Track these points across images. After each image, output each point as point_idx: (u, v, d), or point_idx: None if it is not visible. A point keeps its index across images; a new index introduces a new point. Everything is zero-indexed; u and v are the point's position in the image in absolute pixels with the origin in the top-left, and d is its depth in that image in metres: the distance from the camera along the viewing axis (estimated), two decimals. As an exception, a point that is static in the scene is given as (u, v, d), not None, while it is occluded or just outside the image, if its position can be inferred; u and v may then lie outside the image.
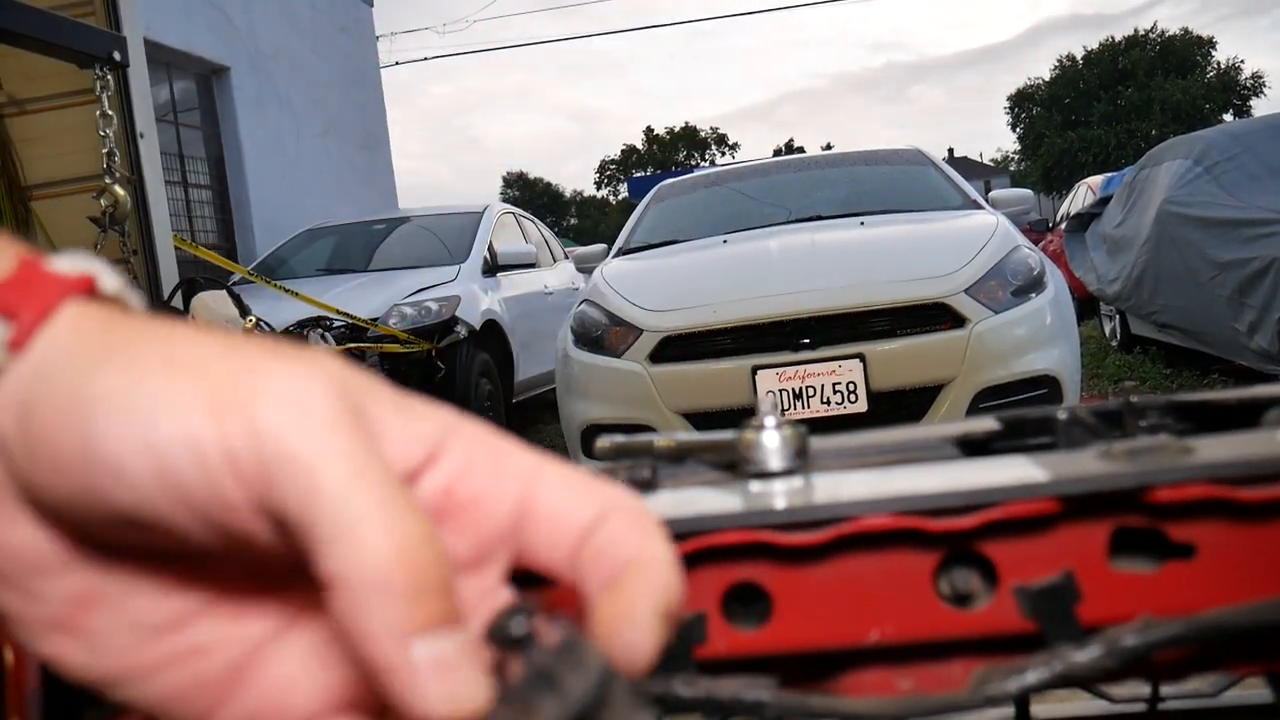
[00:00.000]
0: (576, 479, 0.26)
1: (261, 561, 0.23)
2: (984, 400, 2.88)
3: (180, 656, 0.24)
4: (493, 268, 5.42)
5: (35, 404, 0.22)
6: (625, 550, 0.25)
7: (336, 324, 3.92)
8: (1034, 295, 3.06)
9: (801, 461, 0.45)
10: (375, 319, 4.25)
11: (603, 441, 0.55)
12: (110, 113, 2.88)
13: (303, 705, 0.24)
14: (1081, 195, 8.52)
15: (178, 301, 3.04)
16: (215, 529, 0.21)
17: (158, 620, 0.24)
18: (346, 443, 0.21)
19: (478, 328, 4.72)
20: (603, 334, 3.18)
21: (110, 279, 0.25)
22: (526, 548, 0.26)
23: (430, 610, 0.20)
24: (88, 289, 0.24)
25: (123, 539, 0.22)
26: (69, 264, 0.24)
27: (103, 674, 0.24)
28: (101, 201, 2.86)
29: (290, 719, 0.24)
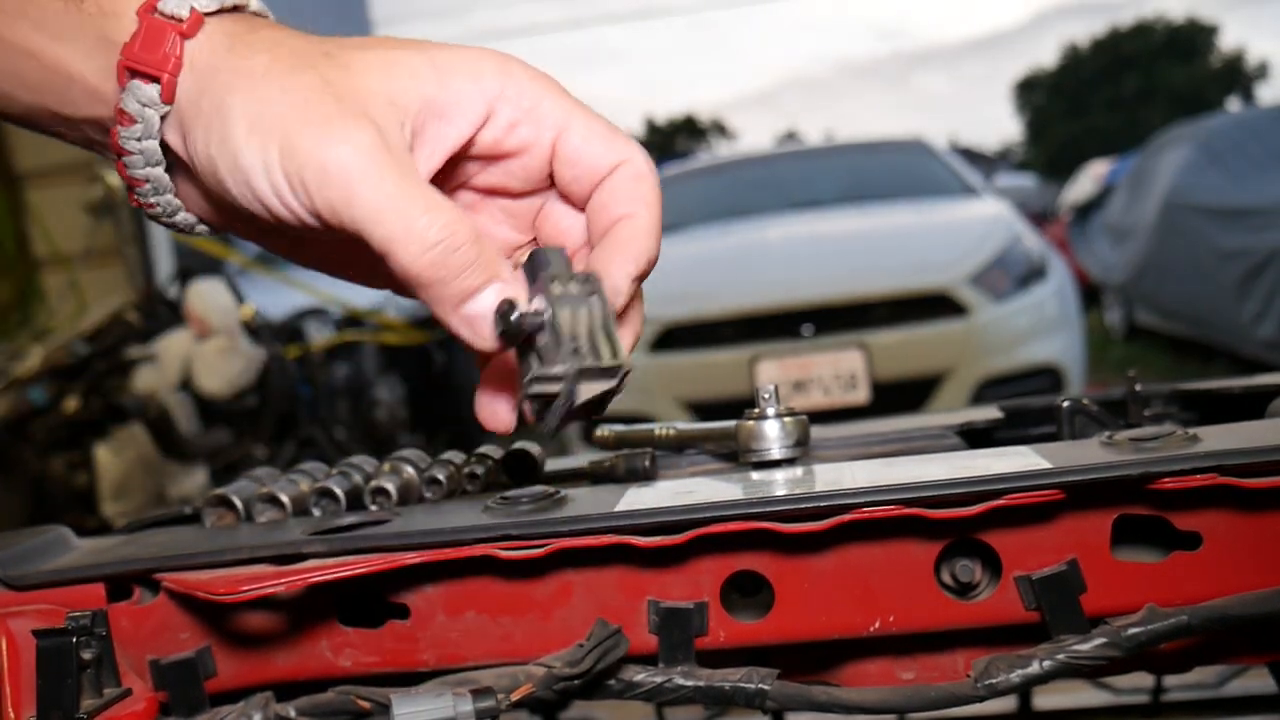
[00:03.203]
0: (598, 130, 0.35)
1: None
2: (986, 390, 2.87)
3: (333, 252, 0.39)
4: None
5: (185, 140, 0.33)
6: (623, 206, 0.34)
7: (334, 313, 3.92)
8: (1037, 284, 3.05)
9: (802, 451, 0.45)
10: (374, 308, 4.25)
11: (603, 430, 0.54)
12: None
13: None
14: (1085, 180, 8.49)
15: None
16: (297, 220, 0.33)
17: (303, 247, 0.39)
18: (385, 182, 0.31)
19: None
20: (603, 324, 3.16)
21: (216, 0, 0.33)
22: (559, 182, 0.35)
23: (457, 288, 0.32)
24: (197, 23, 0.33)
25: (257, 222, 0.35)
26: (176, 4, 0.33)
27: (303, 263, 0.39)
28: (97, 189, 2.85)
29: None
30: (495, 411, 0.37)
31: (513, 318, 0.31)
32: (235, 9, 0.34)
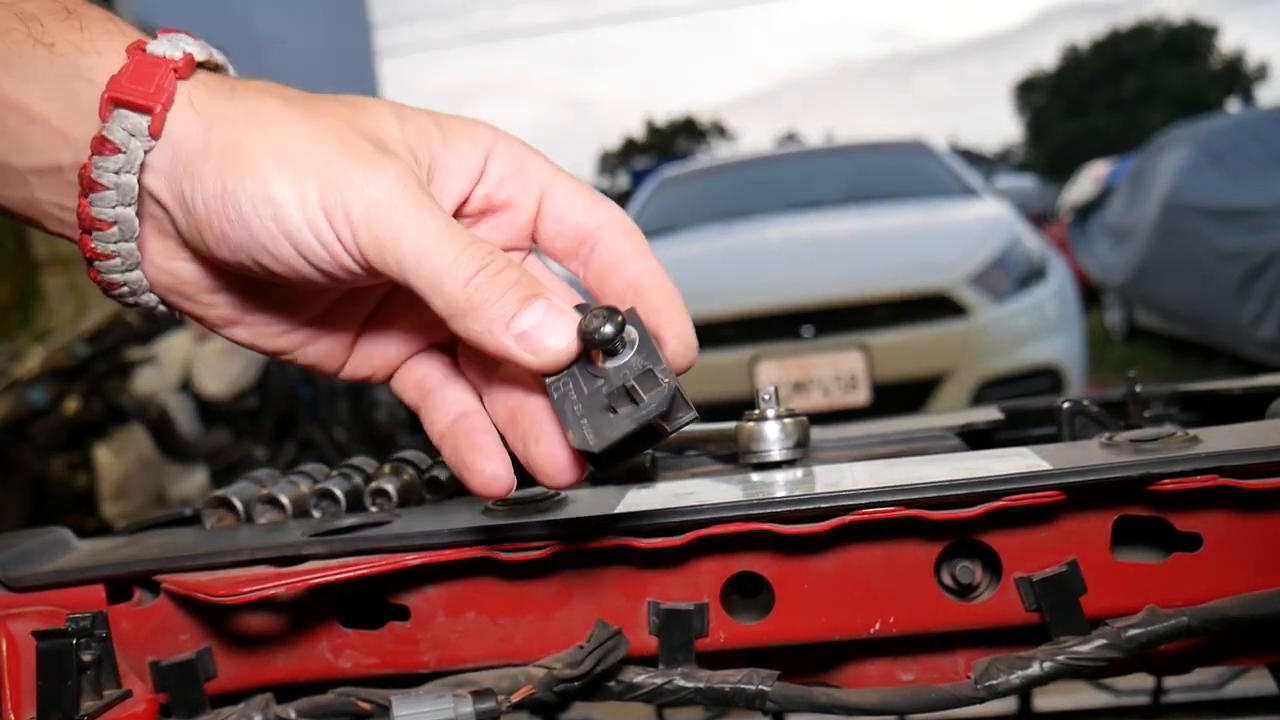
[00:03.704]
0: (580, 189, 0.36)
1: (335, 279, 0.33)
2: (986, 391, 2.87)
3: (310, 340, 0.37)
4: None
5: (183, 181, 0.32)
6: (634, 262, 0.35)
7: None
8: (1037, 285, 3.05)
9: (802, 452, 0.45)
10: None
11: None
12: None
13: (396, 352, 0.38)
14: (1085, 181, 8.49)
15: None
16: (319, 269, 0.32)
17: (290, 322, 0.36)
18: (409, 224, 0.31)
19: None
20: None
21: (200, 48, 0.33)
22: (543, 238, 0.36)
23: (500, 312, 0.31)
24: (190, 65, 0.32)
25: (249, 273, 0.33)
26: (167, 45, 0.32)
27: (267, 350, 0.37)
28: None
29: (392, 359, 0.38)
30: (492, 472, 0.34)
31: (603, 327, 0.31)
32: (218, 68, 0.34)
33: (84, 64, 0.32)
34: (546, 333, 0.31)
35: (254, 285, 0.35)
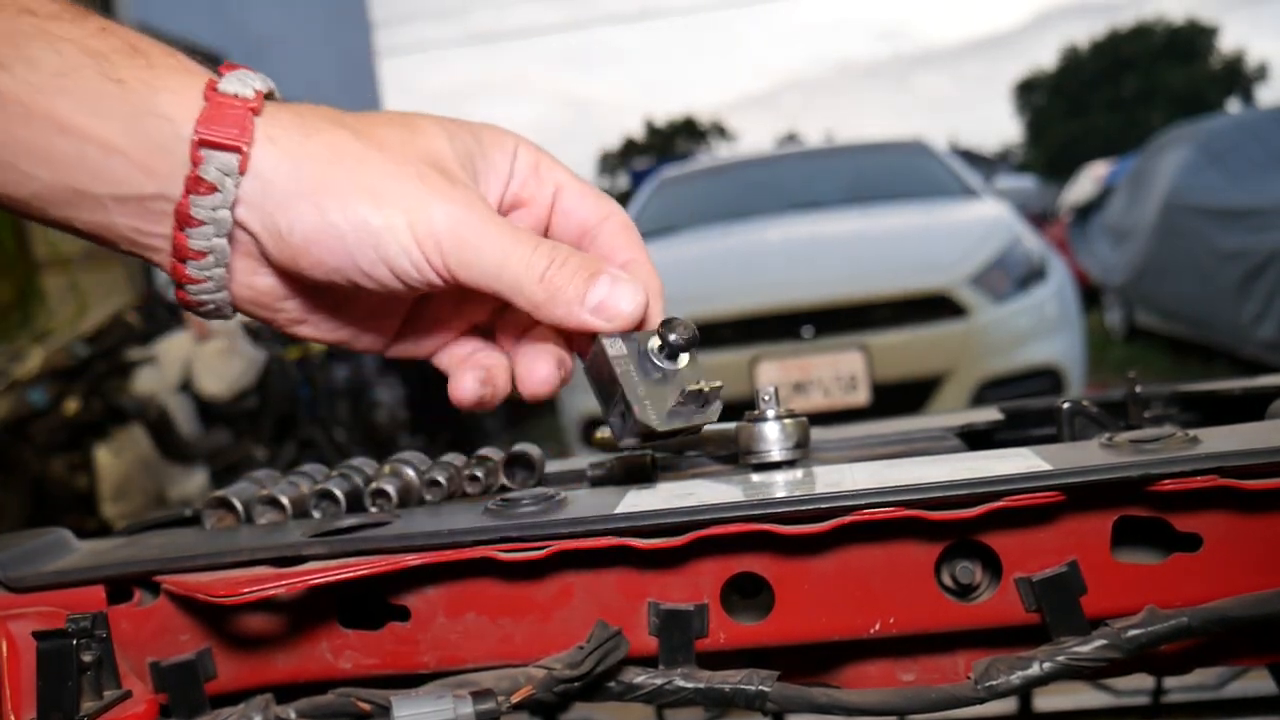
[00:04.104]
0: (587, 188, 0.42)
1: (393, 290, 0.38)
2: (986, 391, 2.87)
3: (364, 331, 0.42)
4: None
5: (277, 214, 0.36)
6: (624, 252, 0.41)
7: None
8: (1036, 286, 3.05)
9: (803, 452, 0.45)
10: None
11: (602, 432, 0.54)
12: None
13: (439, 335, 0.44)
14: (1085, 181, 8.49)
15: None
16: (407, 284, 0.37)
17: (348, 317, 0.42)
18: (489, 241, 0.37)
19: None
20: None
21: (261, 81, 0.37)
22: (554, 230, 0.42)
23: (574, 293, 0.38)
24: (261, 101, 0.36)
25: (334, 286, 0.38)
26: (237, 83, 0.36)
27: (327, 341, 0.42)
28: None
29: (435, 342, 0.44)
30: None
31: (686, 334, 0.39)
32: (272, 92, 0.38)
33: (157, 101, 0.35)
34: (617, 300, 0.38)
35: (321, 291, 0.40)
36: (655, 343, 0.40)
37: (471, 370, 0.42)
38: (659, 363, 0.39)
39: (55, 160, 0.35)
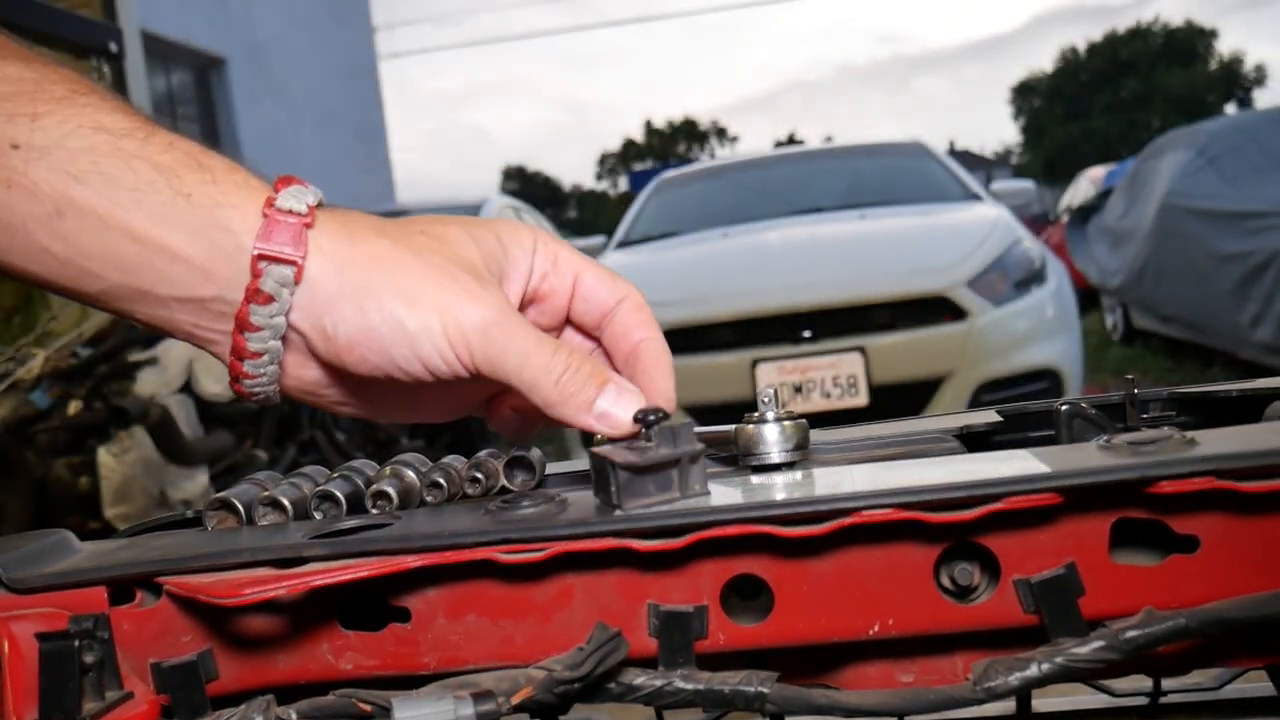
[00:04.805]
0: (603, 274, 0.46)
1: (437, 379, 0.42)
2: (985, 393, 2.88)
3: (404, 411, 0.47)
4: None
5: (324, 316, 0.39)
6: (638, 331, 0.45)
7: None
8: (1035, 288, 3.05)
9: (802, 454, 0.45)
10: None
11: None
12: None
13: (468, 406, 0.48)
14: (1083, 185, 8.50)
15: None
16: (437, 376, 0.41)
17: (389, 400, 0.46)
18: (514, 342, 0.40)
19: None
20: (603, 327, 3.16)
21: (311, 194, 0.40)
22: (574, 315, 0.46)
23: (583, 399, 0.41)
24: (313, 216, 0.39)
25: (370, 375, 0.41)
26: (293, 199, 0.39)
27: (371, 418, 0.47)
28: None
29: (464, 410, 0.48)
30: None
31: (650, 417, 0.40)
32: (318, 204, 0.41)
33: (221, 216, 0.38)
34: (621, 410, 0.42)
35: (362, 381, 0.43)
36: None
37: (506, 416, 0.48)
38: (639, 443, 0.41)
39: (125, 265, 0.38)
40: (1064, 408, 0.52)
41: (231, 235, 0.38)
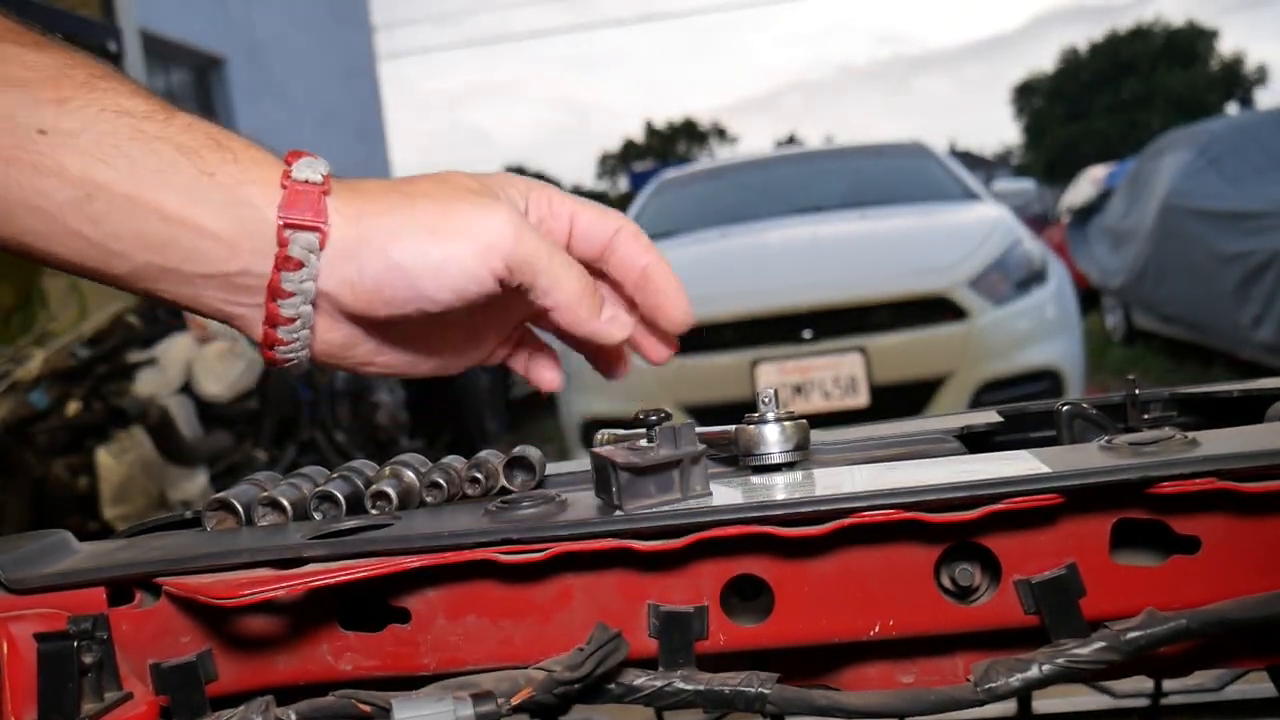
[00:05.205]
0: (596, 209, 0.47)
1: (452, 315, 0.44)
2: (985, 393, 2.88)
3: (422, 362, 0.48)
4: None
5: (347, 266, 0.41)
6: (641, 257, 0.47)
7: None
8: (1036, 288, 3.05)
9: (802, 454, 0.45)
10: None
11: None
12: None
13: (482, 355, 0.51)
14: (1084, 186, 8.50)
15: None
16: (465, 300, 0.42)
17: (409, 353, 0.47)
18: (535, 241, 0.42)
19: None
20: (603, 327, 3.16)
21: (324, 164, 0.42)
22: (573, 253, 0.46)
23: (596, 300, 0.44)
24: (328, 184, 0.41)
25: (400, 315, 0.42)
26: (308, 170, 0.41)
27: (393, 373, 0.48)
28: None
29: (480, 358, 0.51)
30: (545, 373, 0.52)
31: (651, 418, 0.42)
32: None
33: (243, 192, 0.40)
34: (620, 323, 0.45)
35: (386, 333, 0.45)
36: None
37: (541, 364, 0.51)
38: (638, 445, 0.42)
39: (154, 244, 0.39)
40: (1065, 408, 0.52)
41: (255, 209, 0.40)
